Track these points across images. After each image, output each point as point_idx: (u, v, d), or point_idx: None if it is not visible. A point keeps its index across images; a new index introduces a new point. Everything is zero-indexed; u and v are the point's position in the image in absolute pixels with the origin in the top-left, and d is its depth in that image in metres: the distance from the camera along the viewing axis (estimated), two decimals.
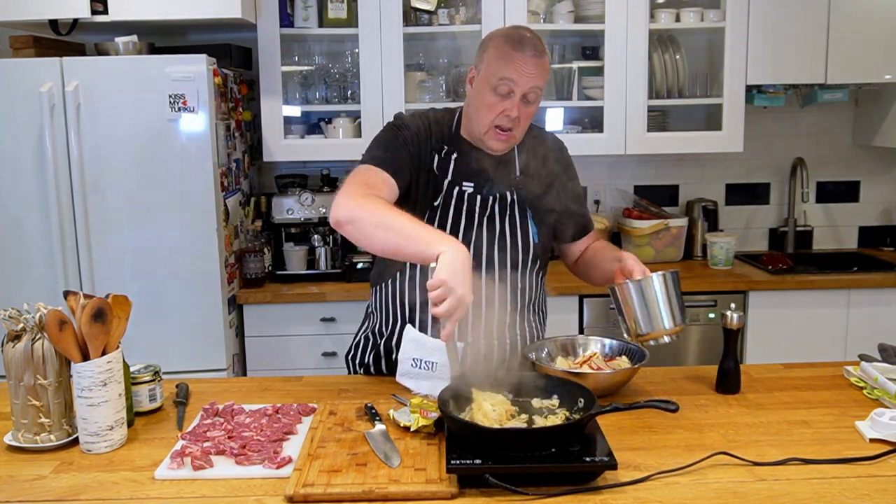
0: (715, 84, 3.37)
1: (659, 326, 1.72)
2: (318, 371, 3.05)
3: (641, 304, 1.72)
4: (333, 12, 3.18)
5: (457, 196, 1.86)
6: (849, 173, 3.75)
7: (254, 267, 3.11)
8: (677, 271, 1.75)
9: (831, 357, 2.99)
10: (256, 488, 1.37)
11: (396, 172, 1.76)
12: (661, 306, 1.72)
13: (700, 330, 3.16)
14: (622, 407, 1.48)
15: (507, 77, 1.75)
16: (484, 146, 1.86)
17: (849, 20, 3.21)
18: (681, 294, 1.74)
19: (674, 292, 1.73)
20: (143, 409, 1.70)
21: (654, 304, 1.72)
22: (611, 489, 1.34)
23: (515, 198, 1.89)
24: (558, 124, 3.44)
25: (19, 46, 2.86)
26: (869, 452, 1.46)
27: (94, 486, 1.39)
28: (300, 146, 3.26)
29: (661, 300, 1.72)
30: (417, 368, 1.81)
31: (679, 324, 1.73)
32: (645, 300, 1.72)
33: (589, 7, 3.27)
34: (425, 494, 1.32)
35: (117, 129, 2.74)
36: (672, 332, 1.73)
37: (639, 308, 1.72)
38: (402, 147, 1.81)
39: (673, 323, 1.72)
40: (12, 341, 1.53)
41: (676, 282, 1.73)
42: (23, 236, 2.79)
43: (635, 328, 1.74)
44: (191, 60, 2.72)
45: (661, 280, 1.71)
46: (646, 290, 1.71)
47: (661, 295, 1.71)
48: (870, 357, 1.89)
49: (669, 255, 3.47)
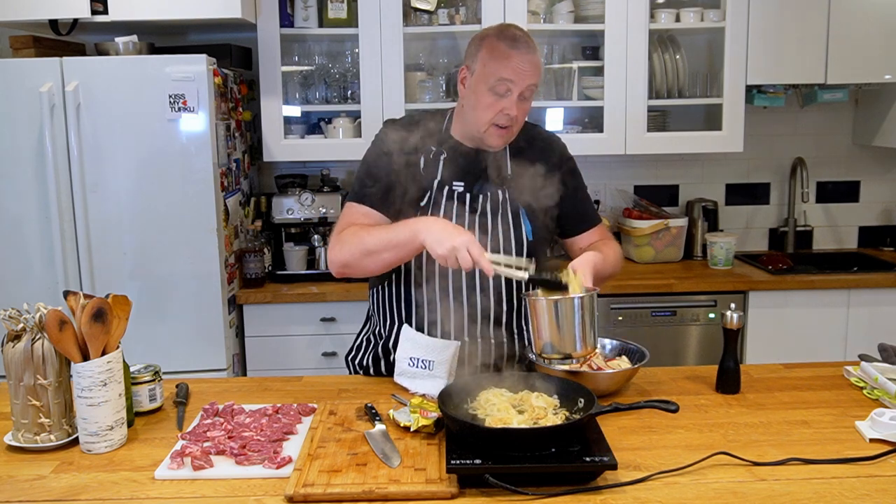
0: (715, 84, 3.37)
1: (569, 349, 1.59)
2: (318, 371, 3.05)
3: (553, 323, 1.58)
4: (333, 12, 3.18)
5: (446, 196, 1.87)
6: (849, 173, 3.75)
7: (254, 267, 3.11)
8: (596, 292, 1.62)
9: (831, 357, 3.00)
10: (256, 488, 1.37)
11: (379, 202, 1.86)
12: (575, 329, 1.58)
13: (700, 330, 3.16)
14: (622, 407, 1.48)
15: (505, 77, 1.76)
16: (483, 144, 1.86)
17: (849, 20, 3.21)
18: (594, 316, 1.61)
19: (590, 315, 1.59)
20: (143, 409, 1.70)
21: (567, 326, 1.57)
22: (611, 489, 1.34)
23: (507, 196, 1.89)
24: (558, 124, 3.44)
25: (19, 46, 2.87)
26: (869, 452, 1.46)
27: (94, 486, 1.39)
28: (300, 146, 3.26)
29: (576, 323, 1.57)
30: (414, 367, 1.81)
31: (589, 347, 1.61)
32: (558, 320, 1.58)
33: (589, 7, 3.27)
34: (425, 494, 1.33)
35: (117, 129, 2.74)
36: (580, 356, 1.61)
37: (549, 327, 1.58)
38: (381, 171, 1.87)
39: (584, 347, 1.60)
40: (12, 341, 1.53)
41: (594, 303, 1.61)
42: (23, 236, 2.79)
43: (542, 346, 1.61)
44: (191, 60, 2.72)
45: (579, 303, 1.57)
46: (561, 311, 1.57)
47: (576, 317, 1.57)
48: (870, 357, 1.89)
49: (669, 255, 3.47)
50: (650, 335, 3.10)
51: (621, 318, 3.12)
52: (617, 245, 2.01)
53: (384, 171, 1.87)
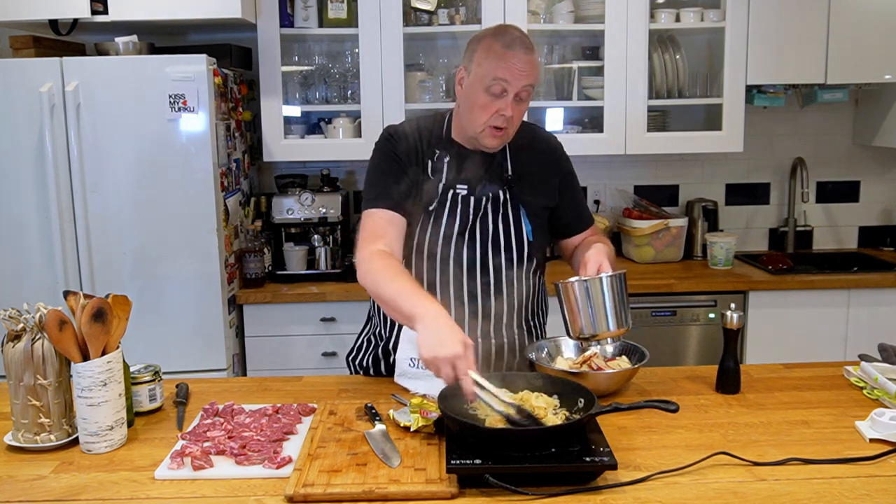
0: (715, 84, 3.37)
1: (602, 328, 1.68)
2: (318, 371, 3.05)
3: (586, 304, 1.68)
4: (333, 12, 3.18)
5: (451, 199, 1.87)
6: (849, 173, 3.75)
7: (254, 267, 3.11)
8: (624, 273, 1.71)
9: (831, 357, 3.00)
10: (256, 488, 1.37)
11: (397, 205, 1.84)
12: (606, 308, 1.68)
13: (700, 330, 3.16)
14: (622, 407, 1.48)
15: (500, 77, 1.75)
16: (479, 145, 1.86)
17: (849, 20, 3.21)
18: (627, 296, 1.70)
19: (620, 294, 1.68)
20: (143, 409, 1.70)
21: (599, 306, 1.68)
22: (611, 489, 1.34)
23: (508, 196, 1.89)
24: (558, 124, 3.43)
25: (19, 46, 2.87)
26: (869, 452, 1.46)
27: (94, 486, 1.39)
28: (300, 146, 3.26)
29: (608, 302, 1.67)
30: (415, 368, 1.81)
31: (623, 326, 1.69)
32: (590, 300, 1.67)
33: (589, 7, 3.27)
34: (425, 494, 1.33)
35: (117, 129, 2.74)
36: (615, 335, 1.69)
37: (583, 308, 1.68)
38: (392, 174, 1.87)
39: (617, 325, 1.68)
40: (12, 341, 1.53)
41: (623, 284, 1.70)
42: (23, 236, 2.79)
43: (579, 328, 1.70)
44: (191, 60, 2.72)
45: (609, 281, 1.67)
46: (592, 291, 1.67)
47: (607, 296, 1.67)
48: (870, 357, 1.89)
49: (669, 255, 3.47)
50: (650, 335, 3.10)
51: None
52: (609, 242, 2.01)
53: (394, 172, 1.86)
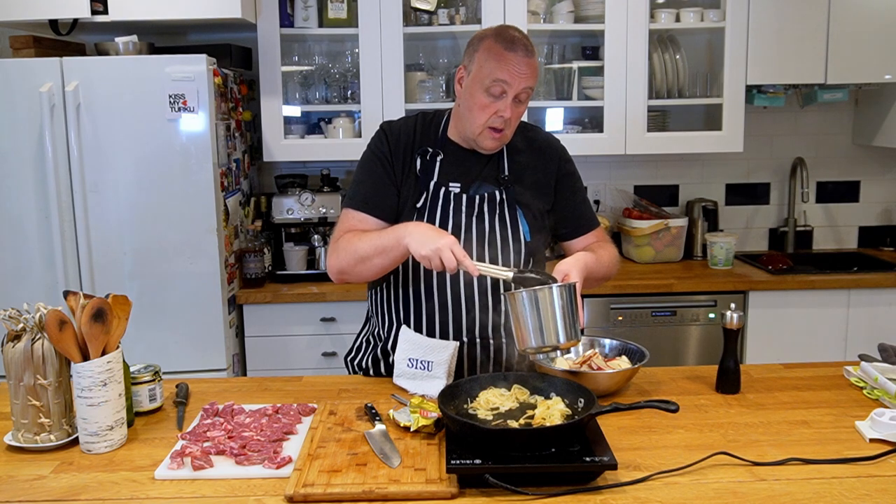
0: (715, 84, 3.37)
1: (551, 341, 1.59)
2: (318, 371, 3.05)
3: (534, 315, 1.57)
4: (333, 12, 3.18)
5: (443, 196, 1.87)
6: (849, 173, 3.75)
7: (254, 267, 3.11)
8: (574, 283, 1.62)
9: (831, 357, 3.01)
10: (256, 488, 1.37)
11: (374, 207, 1.87)
12: (557, 319, 1.57)
13: (700, 330, 3.16)
14: (622, 407, 1.48)
15: (500, 78, 1.75)
16: (477, 146, 1.86)
17: (849, 20, 3.21)
18: (576, 308, 1.61)
19: (569, 306, 1.59)
20: (143, 409, 1.70)
21: (547, 317, 1.57)
22: (611, 489, 1.34)
23: (504, 196, 1.89)
24: (558, 124, 3.44)
25: (19, 46, 2.87)
26: (869, 452, 1.46)
27: (94, 486, 1.39)
28: (300, 146, 3.26)
29: (557, 313, 1.57)
30: (413, 368, 1.81)
31: (573, 339, 1.60)
32: (538, 312, 1.57)
33: (589, 7, 3.27)
34: (425, 494, 1.33)
35: (117, 129, 2.74)
36: (564, 347, 1.61)
37: (530, 320, 1.57)
38: (374, 175, 1.88)
39: (566, 338, 1.59)
40: (12, 341, 1.53)
41: (573, 295, 1.60)
42: (23, 236, 2.79)
43: (525, 340, 1.59)
44: (191, 60, 2.72)
45: (557, 292, 1.57)
46: (540, 302, 1.56)
47: (557, 307, 1.57)
48: (870, 357, 1.89)
49: (669, 255, 3.47)
50: (650, 335, 3.10)
51: (621, 318, 3.13)
52: (614, 248, 1.99)
53: (379, 174, 1.88)
